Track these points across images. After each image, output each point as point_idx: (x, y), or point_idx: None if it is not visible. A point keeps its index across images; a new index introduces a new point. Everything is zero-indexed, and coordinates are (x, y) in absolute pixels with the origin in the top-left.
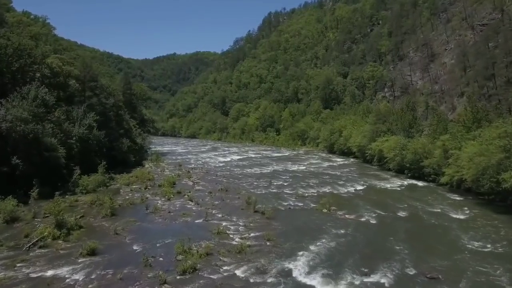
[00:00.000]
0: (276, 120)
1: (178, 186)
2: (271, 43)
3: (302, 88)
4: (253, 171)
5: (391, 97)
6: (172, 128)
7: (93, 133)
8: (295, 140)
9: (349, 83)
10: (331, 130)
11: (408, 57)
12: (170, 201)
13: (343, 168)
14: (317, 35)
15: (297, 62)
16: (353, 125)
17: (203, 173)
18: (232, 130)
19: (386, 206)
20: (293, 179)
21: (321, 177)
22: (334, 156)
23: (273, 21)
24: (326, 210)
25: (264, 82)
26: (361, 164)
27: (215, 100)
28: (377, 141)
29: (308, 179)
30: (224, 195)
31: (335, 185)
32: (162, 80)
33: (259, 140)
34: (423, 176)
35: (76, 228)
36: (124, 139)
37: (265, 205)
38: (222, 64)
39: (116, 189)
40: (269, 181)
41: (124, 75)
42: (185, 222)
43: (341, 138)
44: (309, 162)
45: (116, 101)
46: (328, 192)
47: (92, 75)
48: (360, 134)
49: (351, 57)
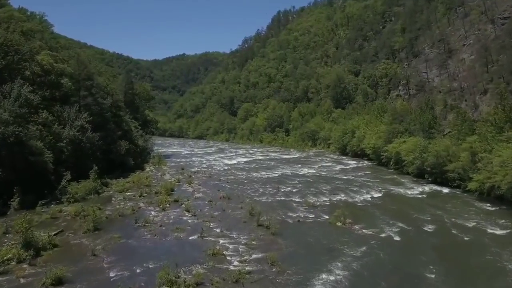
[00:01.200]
0: (285, 120)
1: (177, 193)
2: (280, 41)
3: (312, 87)
4: (260, 175)
5: (405, 95)
6: (180, 129)
7: (87, 135)
8: (305, 141)
9: (361, 81)
10: (343, 131)
11: (423, 53)
12: (165, 212)
13: (356, 172)
14: (327, 33)
15: (306, 61)
16: (367, 125)
17: (206, 178)
18: (240, 130)
19: (408, 218)
20: (303, 184)
21: (333, 182)
22: (346, 158)
23: (282, 19)
24: (340, 223)
25: (273, 81)
26: (376, 167)
27: (223, 100)
28: (394, 142)
29: (319, 184)
30: (225, 204)
31: (349, 192)
32: (171, 81)
33: (268, 141)
34: (447, 182)
35: (49, 247)
36: (123, 141)
37: (270, 217)
38: (230, 64)
39: (108, 197)
40: (276, 187)
41: (126, 74)
42: (177, 239)
43: (354, 139)
44: (320, 165)
45: (115, 101)
46: (342, 200)
47: (87, 73)
48: (375, 135)
49: (363, 54)
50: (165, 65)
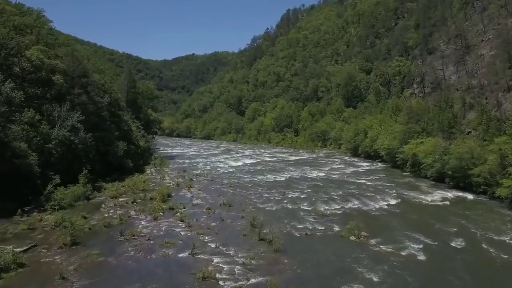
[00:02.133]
0: (294, 120)
1: (174, 199)
2: (289, 40)
3: (322, 86)
4: (266, 178)
5: (420, 93)
6: (187, 129)
7: (79, 136)
8: (315, 142)
9: (373, 79)
10: (355, 131)
11: (438, 50)
12: (156, 222)
13: (370, 175)
14: (338, 30)
15: (316, 59)
16: (380, 125)
17: (207, 181)
18: (248, 130)
19: (432, 230)
20: (312, 189)
21: (345, 187)
22: (358, 160)
23: (292, 18)
24: (354, 237)
25: (282, 80)
26: (391, 169)
27: (231, 99)
28: (410, 143)
29: (330, 189)
30: (225, 213)
31: (362, 198)
32: (181, 81)
33: (276, 141)
34: (470, 187)
35: (13, 267)
36: (121, 142)
37: (274, 229)
38: (239, 63)
39: (98, 203)
40: (282, 193)
41: (128, 72)
42: (164, 257)
43: (366, 140)
44: (330, 167)
45: (114, 100)
46: (355, 209)
47: (82, 70)
48: (389, 135)
49: (375, 52)
50: (174, 65)
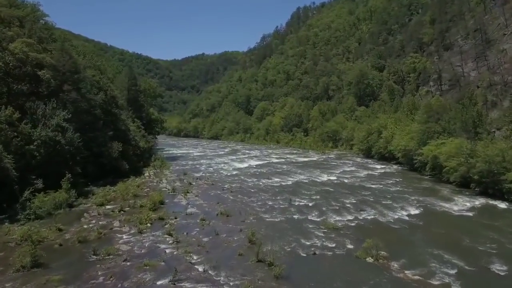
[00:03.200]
0: (304, 119)
1: (166, 206)
2: (299, 38)
3: (333, 84)
4: (271, 182)
5: (437, 91)
6: (195, 129)
7: (67, 136)
8: (325, 142)
9: (386, 77)
10: (368, 131)
11: (456, 45)
12: (141, 236)
13: (386, 179)
14: (349, 27)
15: (327, 57)
16: (395, 125)
17: (207, 186)
18: (256, 130)
19: (465, 250)
20: (322, 196)
21: (359, 193)
22: (372, 162)
23: (302, 16)
24: (372, 259)
25: (291, 78)
26: (408, 173)
27: (240, 99)
28: (430, 144)
29: (341, 196)
30: (221, 224)
31: (379, 207)
32: (190, 81)
33: (285, 141)
34: (501, 194)
35: None
36: (115, 143)
37: (276, 247)
38: (248, 62)
39: (82, 211)
40: (289, 200)
41: (129, 69)
42: (138, 286)
43: (380, 140)
44: (342, 170)
45: (111, 97)
46: (371, 220)
47: (73, 65)
48: (406, 136)
49: (388, 49)
50: (184, 65)
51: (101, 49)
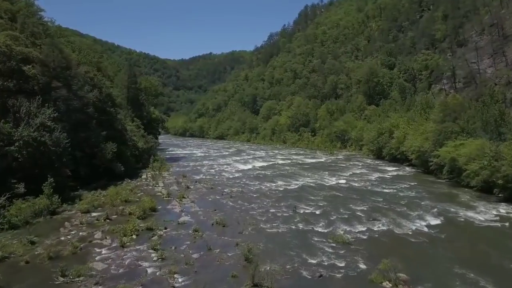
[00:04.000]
0: (311, 119)
1: (158, 214)
2: (307, 36)
3: (342, 83)
4: (275, 186)
5: (451, 89)
6: (200, 129)
7: (54, 136)
8: (333, 142)
9: (396, 75)
10: (378, 130)
11: (471, 41)
12: (122, 250)
13: (399, 183)
14: (358, 25)
15: (335, 55)
16: (408, 124)
17: (206, 190)
18: (262, 130)
19: (500, 271)
20: (330, 202)
21: (370, 199)
22: (383, 163)
23: (310, 14)
24: (390, 283)
25: (299, 77)
26: (422, 176)
27: (246, 98)
28: (447, 145)
29: (351, 202)
30: (215, 237)
31: (394, 216)
32: (198, 80)
33: (292, 141)
34: None
35: None
36: (109, 143)
37: (276, 267)
38: (254, 61)
39: (64, 220)
40: (293, 207)
41: (128, 66)
42: None
43: (392, 141)
44: (351, 173)
45: (106, 95)
46: (386, 232)
47: (63, 60)
48: (420, 136)
49: (398, 46)
50: (191, 64)
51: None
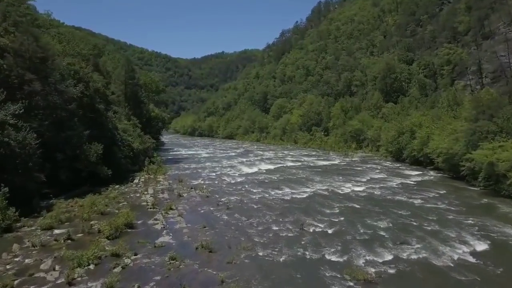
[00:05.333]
0: (324, 118)
1: (134, 232)
2: (320, 32)
3: (356, 80)
4: (281, 195)
5: (477, 85)
6: (209, 128)
7: (22, 136)
8: (348, 143)
9: (415, 70)
10: (398, 130)
11: (498, 33)
12: None
13: (426, 191)
14: (373, 20)
15: (349, 51)
16: (432, 123)
17: (201, 199)
18: (272, 129)
19: None
20: (345, 217)
21: (394, 212)
22: (403, 166)
23: (323, 10)
24: None
25: (311, 74)
26: (451, 182)
27: (256, 96)
28: (483, 147)
29: (371, 217)
30: (196, 268)
31: (427, 237)
32: (209, 79)
33: (303, 141)
34: None
35: None
36: (94, 144)
37: None
38: (266, 58)
39: (15, 239)
40: (300, 223)
41: (126, 60)
42: None
43: (414, 141)
44: (369, 178)
45: (95, 91)
46: (420, 263)
47: (37, 49)
48: (448, 136)
49: (417, 41)
50: (203, 63)
51: (121, 48)
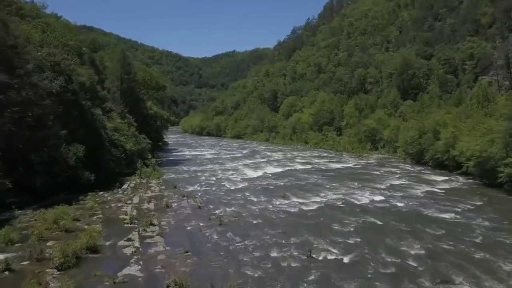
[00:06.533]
0: (336, 116)
1: (94, 258)
2: (332, 28)
3: (371, 77)
4: (287, 206)
5: (505, 80)
6: (217, 127)
7: None
8: (362, 143)
9: (435, 66)
10: (419, 130)
11: None
12: None
13: (458, 201)
14: (388, 15)
15: (363, 47)
16: (460, 122)
17: (191, 211)
18: (282, 129)
19: None
20: (364, 237)
21: (423, 232)
22: (425, 170)
23: (336, 6)
24: None
25: (323, 71)
26: (486, 190)
27: (265, 94)
28: None
29: (397, 238)
30: None
31: (474, 271)
32: (220, 78)
33: (314, 142)
34: None
35: None
36: (75, 146)
37: None
38: (276, 55)
39: None
40: (308, 246)
41: (122, 53)
42: None
43: (438, 142)
44: (389, 184)
45: (80, 85)
46: None
47: (4, 35)
48: (481, 137)
49: (435, 35)
50: (214, 62)
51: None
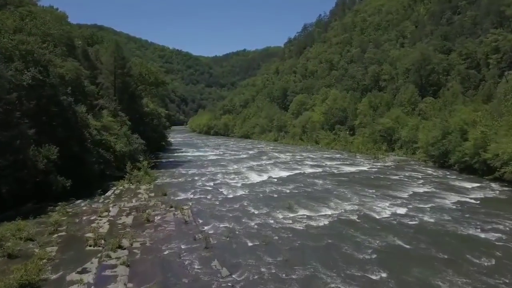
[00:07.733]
0: (349, 115)
1: None
2: (344, 24)
3: (385, 73)
4: (292, 220)
5: None
6: (225, 126)
7: None
8: (378, 144)
9: (455, 61)
10: (444, 129)
11: None
12: None
13: (499, 216)
14: (403, 10)
15: (377, 43)
16: (492, 120)
17: (174, 227)
18: (291, 128)
19: None
20: (388, 268)
21: (465, 260)
22: (451, 175)
23: (348, 2)
24: None
25: (335, 68)
26: None
27: (275, 92)
28: None
29: (431, 271)
30: None
31: None
32: (230, 77)
33: (325, 142)
34: None
35: None
36: (46, 147)
37: None
38: (286, 53)
39: None
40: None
41: (115, 46)
42: None
43: (466, 143)
44: (411, 192)
45: (59, 78)
46: None
47: None
48: None
49: (455, 29)
50: (224, 61)
51: (142, 46)
